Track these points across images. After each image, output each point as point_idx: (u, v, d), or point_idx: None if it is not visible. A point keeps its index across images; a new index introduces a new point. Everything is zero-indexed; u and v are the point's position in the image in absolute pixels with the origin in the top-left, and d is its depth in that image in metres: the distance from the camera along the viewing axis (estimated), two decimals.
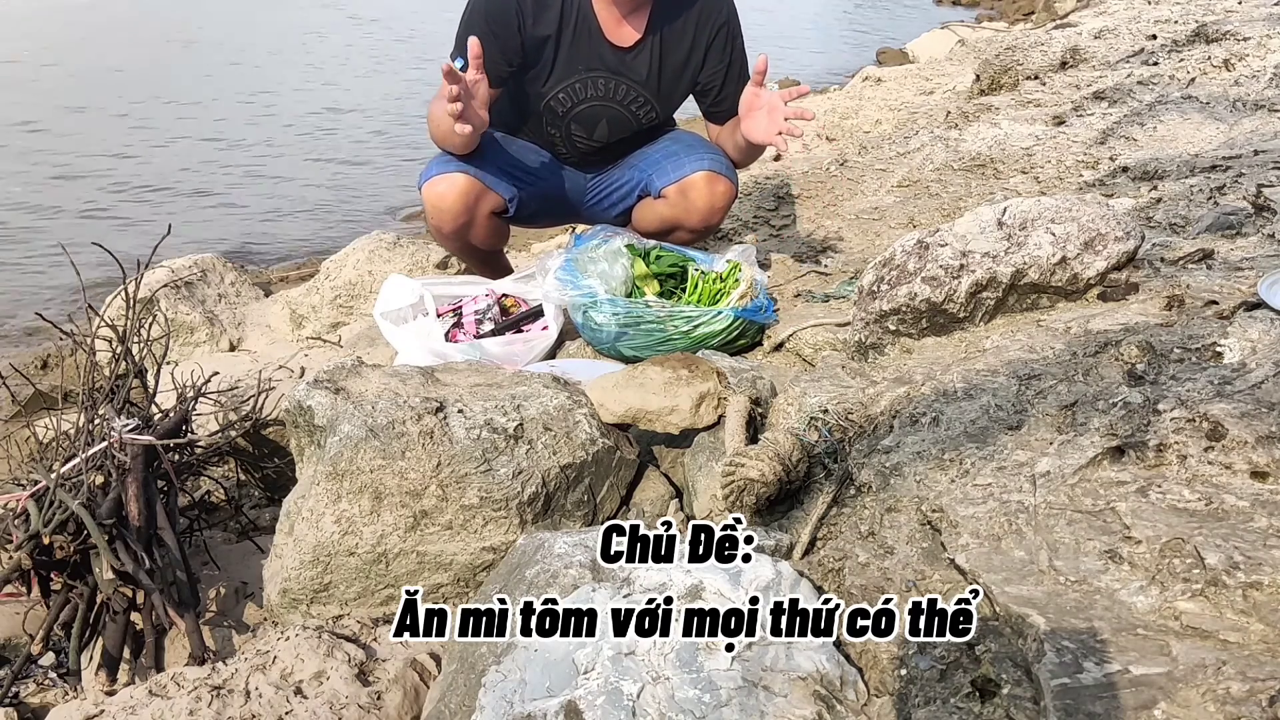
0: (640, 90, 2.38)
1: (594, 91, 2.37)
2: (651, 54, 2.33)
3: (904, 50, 8.85)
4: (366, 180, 5.87)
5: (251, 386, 2.16)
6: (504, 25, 2.21)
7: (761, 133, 2.18)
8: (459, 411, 1.47)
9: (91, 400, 1.75)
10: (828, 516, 1.21)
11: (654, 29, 2.31)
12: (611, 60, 2.32)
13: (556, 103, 2.37)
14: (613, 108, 2.40)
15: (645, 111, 2.43)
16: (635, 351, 2.09)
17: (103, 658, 1.40)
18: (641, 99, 2.40)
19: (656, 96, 2.40)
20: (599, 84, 2.35)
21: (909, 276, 1.58)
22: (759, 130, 2.19)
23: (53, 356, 3.20)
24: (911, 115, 4.58)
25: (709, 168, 2.36)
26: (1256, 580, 0.81)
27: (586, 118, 2.41)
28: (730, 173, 2.40)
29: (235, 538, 1.91)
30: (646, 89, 2.38)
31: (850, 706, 0.87)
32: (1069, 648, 0.79)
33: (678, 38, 2.34)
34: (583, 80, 2.34)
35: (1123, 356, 1.22)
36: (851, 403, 1.42)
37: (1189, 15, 4.23)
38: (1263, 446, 0.94)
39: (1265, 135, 2.50)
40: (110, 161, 5.96)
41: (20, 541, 1.44)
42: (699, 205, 2.37)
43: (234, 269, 3.39)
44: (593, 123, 2.42)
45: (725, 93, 2.40)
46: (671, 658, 0.89)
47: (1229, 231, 1.73)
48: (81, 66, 8.39)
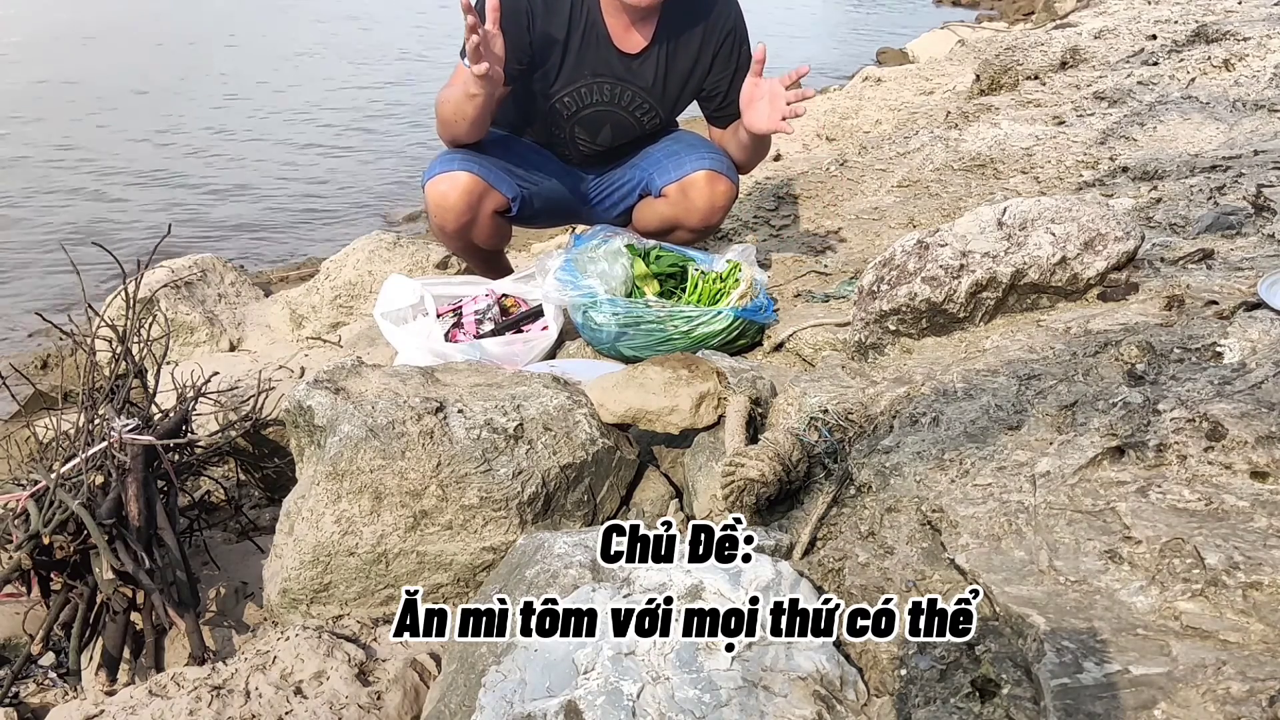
0: (645, 96, 2.38)
1: (599, 96, 2.37)
2: (658, 61, 2.33)
3: (904, 50, 8.85)
4: (366, 180, 5.87)
5: (251, 386, 2.16)
6: (514, 23, 2.20)
7: (764, 121, 2.17)
8: (459, 411, 1.47)
9: (91, 400, 1.75)
10: (828, 516, 1.21)
11: (661, 36, 2.31)
12: (618, 66, 2.32)
13: (562, 106, 2.37)
14: (617, 113, 2.41)
15: (649, 117, 2.43)
16: (635, 351, 2.09)
17: (103, 658, 1.40)
18: (646, 105, 2.40)
19: (661, 102, 2.41)
20: (604, 89, 2.36)
21: (909, 276, 1.58)
22: (761, 119, 2.18)
23: (53, 356, 3.20)
24: (911, 115, 4.58)
25: (710, 167, 2.36)
26: (1256, 580, 0.81)
27: (591, 122, 2.42)
28: (731, 172, 2.40)
29: (235, 538, 1.91)
30: (651, 95, 2.38)
31: (850, 706, 0.87)
32: (1069, 648, 0.79)
33: (685, 44, 2.33)
34: (589, 85, 2.35)
35: (1123, 356, 1.22)
36: (851, 403, 1.42)
37: (1189, 15, 4.23)
38: (1263, 446, 0.94)
39: (1265, 135, 2.50)
40: (110, 162, 5.96)
41: (20, 541, 1.44)
42: (699, 204, 2.37)
43: (234, 269, 3.39)
44: (597, 127, 2.43)
45: (730, 98, 2.39)
46: (671, 658, 0.89)
47: (1229, 231, 1.73)
48: (81, 66, 8.39)
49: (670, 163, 2.41)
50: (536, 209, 2.49)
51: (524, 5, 2.22)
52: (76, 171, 5.76)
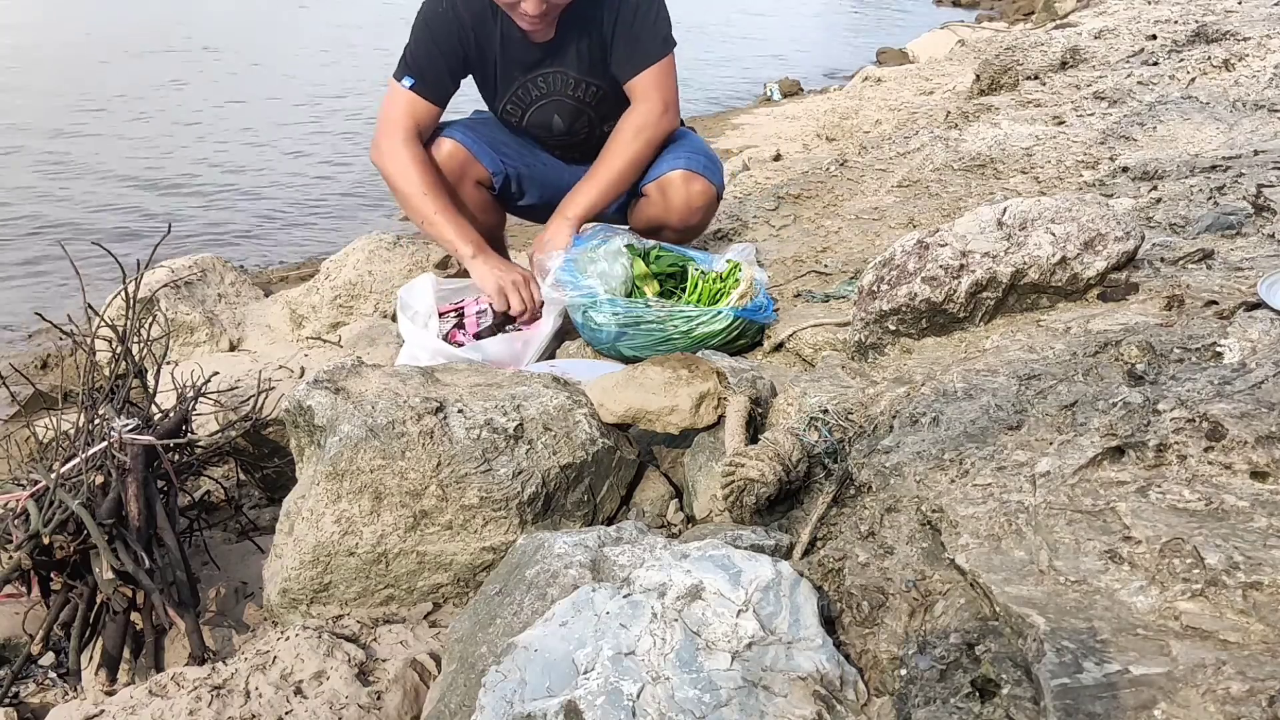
0: (573, 74, 2.41)
1: (536, 92, 2.43)
2: (569, 37, 2.36)
3: (904, 50, 8.85)
4: (366, 180, 5.87)
5: (251, 386, 2.15)
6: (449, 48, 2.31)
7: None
8: (459, 411, 1.47)
9: (91, 400, 1.75)
10: (828, 516, 1.21)
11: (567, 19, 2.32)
12: (541, 59, 2.37)
13: (508, 114, 2.46)
14: (559, 99, 2.44)
15: (585, 91, 2.45)
16: (635, 351, 2.09)
17: (103, 658, 1.40)
18: (572, 80, 2.42)
19: (590, 74, 2.41)
20: (538, 83, 2.41)
21: (909, 276, 1.58)
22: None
23: (53, 356, 3.20)
24: (911, 115, 4.58)
25: (685, 166, 2.37)
26: (1256, 580, 0.81)
27: (539, 118, 2.47)
28: (709, 172, 2.41)
29: (235, 538, 1.91)
30: (579, 70, 2.40)
31: (850, 706, 0.87)
32: (1069, 648, 0.79)
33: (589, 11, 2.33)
34: (523, 85, 2.41)
35: (1123, 356, 1.22)
36: (851, 403, 1.42)
37: (1189, 15, 4.23)
38: (1263, 446, 0.94)
39: (1265, 135, 2.50)
40: (109, 162, 5.96)
41: (20, 541, 1.44)
42: (676, 204, 2.39)
43: (234, 269, 3.39)
44: (547, 119, 2.48)
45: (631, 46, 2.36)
46: (671, 658, 0.89)
47: (1229, 231, 1.73)
48: (80, 67, 8.38)
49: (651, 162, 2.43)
50: (523, 191, 2.52)
51: (455, 27, 2.30)
52: (76, 172, 5.76)
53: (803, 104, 6.38)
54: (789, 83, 8.27)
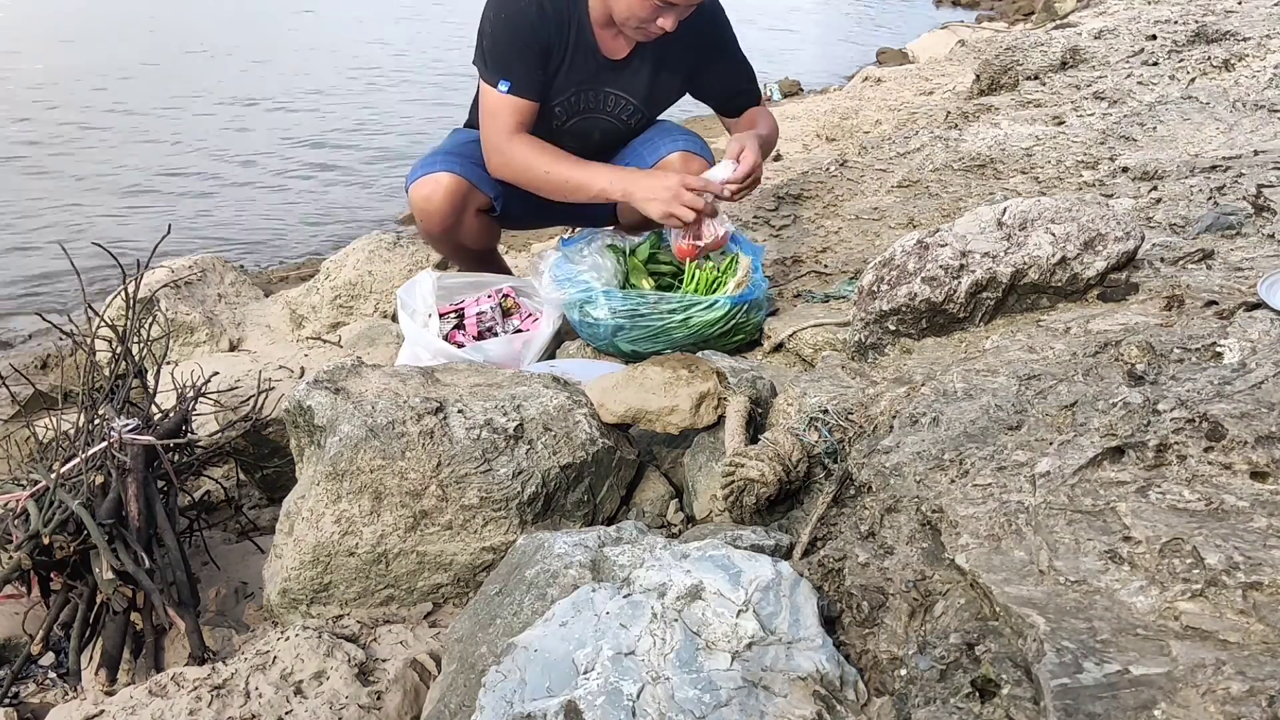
0: (629, 100, 2.39)
1: (587, 105, 2.39)
2: (643, 64, 2.34)
3: (904, 50, 8.85)
4: (366, 180, 5.87)
5: (251, 386, 2.15)
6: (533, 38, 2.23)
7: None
8: (459, 411, 1.47)
9: (91, 400, 1.75)
10: (828, 516, 1.21)
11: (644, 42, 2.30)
12: (606, 74, 2.33)
13: (553, 116, 2.38)
14: (604, 119, 2.42)
15: (636, 119, 2.45)
16: (633, 345, 2.09)
17: (103, 658, 1.40)
18: (631, 107, 2.41)
19: (647, 104, 2.42)
20: (591, 97, 2.37)
21: (909, 276, 1.58)
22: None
23: (53, 356, 3.20)
24: (911, 115, 4.58)
25: (684, 148, 2.38)
26: (1256, 580, 0.81)
27: (579, 130, 2.43)
28: (706, 153, 2.42)
29: (235, 538, 1.91)
30: (636, 97, 2.39)
31: (850, 706, 0.87)
32: (1069, 648, 0.79)
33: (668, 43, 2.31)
34: (577, 94, 2.36)
35: (1123, 356, 1.22)
36: (851, 403, 1.42)
37: (1189, 15, 4.23)
38: (1263, 446, 0.94)
39: (1265, 135, 2.50)
40: (109, 162, 5.96)
41: (20, 541, 1.44)
42: None
43: (234, 269, 3.39)
44: (586, 134, 2.44)
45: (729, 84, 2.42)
46: (671, 658, 0.89)
47: (1229, 231, 1.73)
48: (80, 68, 8.39)
49: (645, 149, 2.43)
50: (521, 209, 2.50)
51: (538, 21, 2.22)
52: (76, 173, 5.76)
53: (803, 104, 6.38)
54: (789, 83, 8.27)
